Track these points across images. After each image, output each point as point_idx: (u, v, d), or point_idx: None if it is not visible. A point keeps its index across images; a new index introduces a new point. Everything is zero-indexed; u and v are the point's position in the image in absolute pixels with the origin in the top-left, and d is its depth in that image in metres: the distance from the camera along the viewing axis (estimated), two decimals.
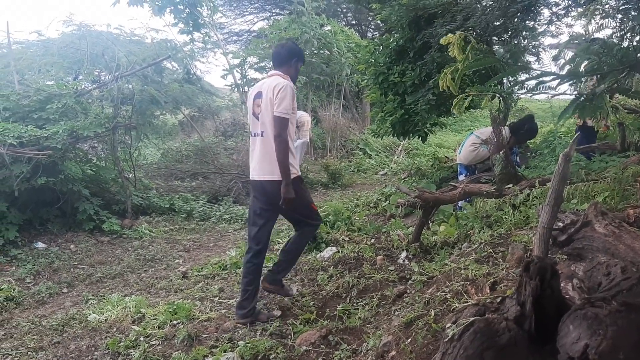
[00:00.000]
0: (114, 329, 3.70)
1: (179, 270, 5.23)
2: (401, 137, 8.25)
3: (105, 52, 8.39)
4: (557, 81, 2.59)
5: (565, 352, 1.24)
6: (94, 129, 6.56)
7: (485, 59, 2.38)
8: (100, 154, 8.29)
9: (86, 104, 7.20)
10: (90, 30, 9.29)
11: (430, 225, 5.23)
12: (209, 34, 11.53)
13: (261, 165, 3.60)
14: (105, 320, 3.88)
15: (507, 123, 6.57)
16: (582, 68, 2.35)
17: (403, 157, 13.93)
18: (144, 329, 3.59)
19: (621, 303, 1.28)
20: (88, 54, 8.26)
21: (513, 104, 9.00)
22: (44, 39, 9.56)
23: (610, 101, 4.87)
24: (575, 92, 2.78)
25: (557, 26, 6.13)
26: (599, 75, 2.28)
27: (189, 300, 4.17)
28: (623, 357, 1.19)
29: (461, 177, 6.24)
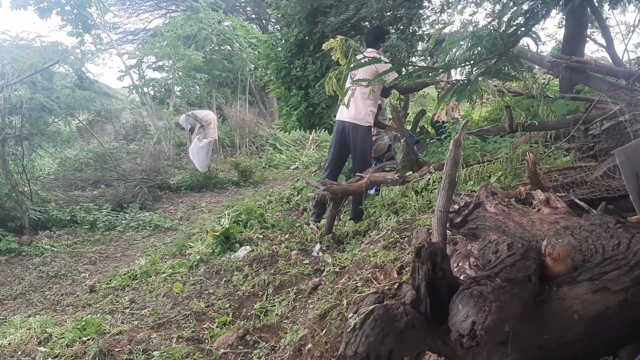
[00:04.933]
0: (19, 353, 3.45)
1: (85, 285, 4.98)
2: (308, 130, 8.32)
3: None
4: (431, 72, 2.76)
5: (456, 330, 1.33)
6: None
7: (367, 60, 2.48)
8: None
9: None
10: None
11: (341, 216, 5.35)
12: (101, 35, 10.98)
13: (347, 113, 5.34)
14: (9, 344, 3.60)
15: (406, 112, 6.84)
16: (454, 57, 2.51)
17: (313, 149, 14.06)
18: (52, 349, 3.38)
19: (504, 279, 1.39)
20: None
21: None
22: None
23: (496, 86, 5.24)
24: (452, 79, 2.98)
25: (449, 14, 6.44)
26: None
27: (99, 315, 3.98)
28: (508, 329, 1.30)
29: None
